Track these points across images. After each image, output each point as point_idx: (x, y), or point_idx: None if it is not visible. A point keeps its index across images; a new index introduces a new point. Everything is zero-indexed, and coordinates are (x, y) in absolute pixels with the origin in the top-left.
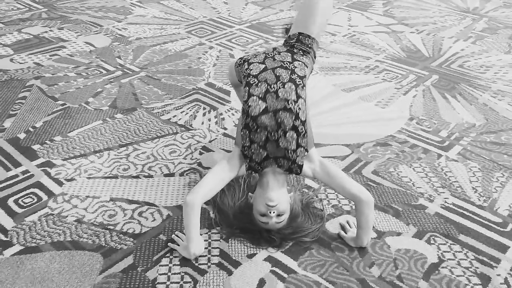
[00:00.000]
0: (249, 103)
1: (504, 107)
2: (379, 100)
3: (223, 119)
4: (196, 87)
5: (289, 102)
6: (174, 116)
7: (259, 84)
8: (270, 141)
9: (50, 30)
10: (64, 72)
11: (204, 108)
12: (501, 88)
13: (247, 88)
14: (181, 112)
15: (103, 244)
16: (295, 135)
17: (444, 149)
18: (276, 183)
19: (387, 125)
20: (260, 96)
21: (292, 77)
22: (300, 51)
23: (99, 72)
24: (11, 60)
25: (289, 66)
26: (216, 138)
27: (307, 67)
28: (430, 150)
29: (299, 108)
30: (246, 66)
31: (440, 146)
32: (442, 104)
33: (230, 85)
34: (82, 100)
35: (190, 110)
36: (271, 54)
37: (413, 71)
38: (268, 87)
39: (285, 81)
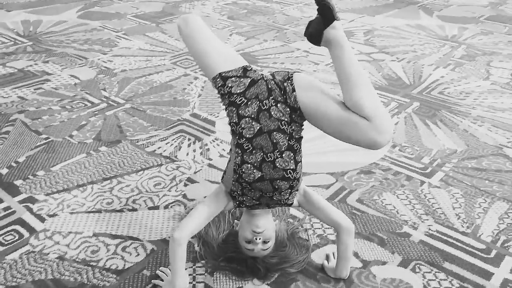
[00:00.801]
0: (243, 170)
1: (484, 132)
2: None
3: (208, 149)
4: (181, 118)
5: (287, 172)
6: (159, 148)
7: (254, 152)
8: (264, 197)
9: (35, 64)
10: (48, 105)
11: (189, 139)
12: (481, 114)
13: (240, 152)
14: (166, 144)
15: (85, 282)
16: (289, 190)
17: (426, 175)
18: (263, 210)
19: (371, 152)
20: (256, 165)
21: (290, 143)
22: (299, 115)
23: (83, 105)
24: None
25: (287, 129)
26: (201, 169)
27: (303, 126)
28: (413, 177)
29: (297, 173)
30: (235, 117)
31: (422, 173)
32: (424, 131)
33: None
34: (66, 134)
35: (175, 141)
36: (266, 104)
37: (395, 98)
38: (264, 156)
39: (282, 149)
